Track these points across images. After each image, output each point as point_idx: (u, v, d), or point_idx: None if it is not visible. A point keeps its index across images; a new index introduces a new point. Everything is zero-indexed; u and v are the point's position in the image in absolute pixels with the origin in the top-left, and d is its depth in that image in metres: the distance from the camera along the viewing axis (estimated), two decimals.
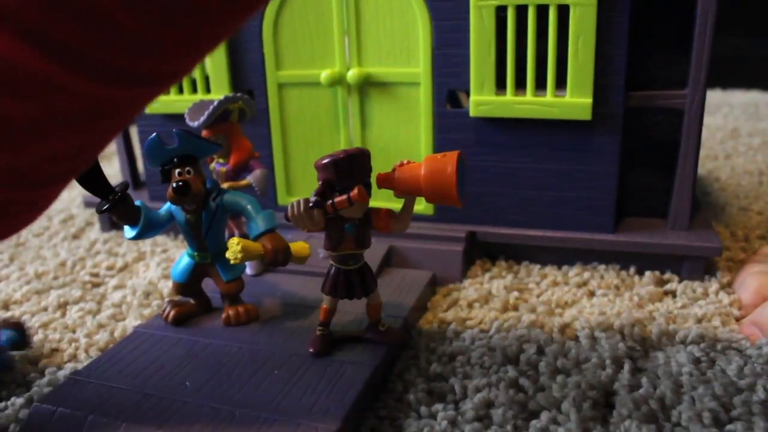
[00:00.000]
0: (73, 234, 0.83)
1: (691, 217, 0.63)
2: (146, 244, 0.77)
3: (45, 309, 0.63)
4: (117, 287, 0.67)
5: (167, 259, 0.73)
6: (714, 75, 0.57)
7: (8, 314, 0.62)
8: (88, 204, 0.88)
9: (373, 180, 0.44)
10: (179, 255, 0.72)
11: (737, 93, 1.57)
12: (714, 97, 1.54)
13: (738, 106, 1.42)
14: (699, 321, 0.53)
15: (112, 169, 1.18)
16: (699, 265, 0.60)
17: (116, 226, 0.83)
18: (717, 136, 1.18)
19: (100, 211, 0.47)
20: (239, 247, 0.46)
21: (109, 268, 0.72)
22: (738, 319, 0.54)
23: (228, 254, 0.46)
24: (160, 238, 0.78)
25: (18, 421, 0.45)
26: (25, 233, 0.84)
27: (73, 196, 1.00)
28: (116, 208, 0.47)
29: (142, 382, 0.44)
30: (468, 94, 0.61)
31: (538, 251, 0.64)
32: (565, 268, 0.64)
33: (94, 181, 0.47)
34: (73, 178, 0.31)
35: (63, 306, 0.63)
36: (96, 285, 0.68)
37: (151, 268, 0.71)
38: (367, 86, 0.64)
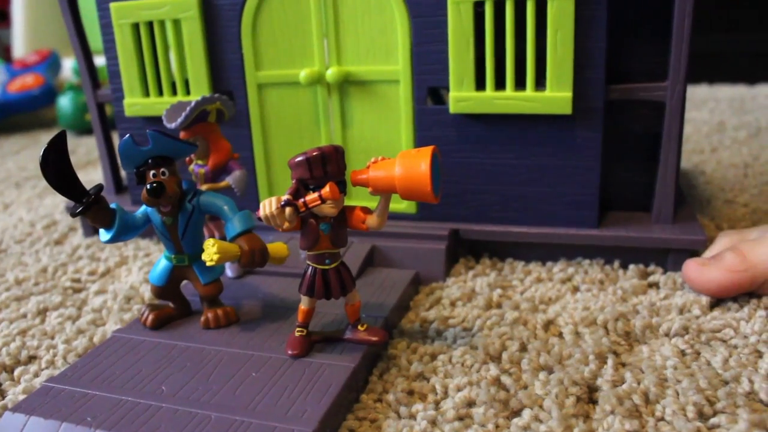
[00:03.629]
0: (56, 239, 0.83)
1: (675, 210, 0.62)
2: (129, 249, 0.76)
3: (24, 316, 0.62)
4: (98, 292, 0.66)
5: (150, 263, 0.72)
6: (700, 70, 0.57)
7: None
8: (68, 209, 0.87)
9: (348, 178, 0.43)
10: None
11: (723, 87, 1.57)
12: (700, 91, 1.54)
13: (724, 100, 1.42)
14: (681, 312, 0.52)
15: (97, 174, 1.17)
16: (684, 258, 0.59)
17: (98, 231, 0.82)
18: (703, 130, 1.18)
19: (73, 215, 0.47)
20: (215, 249, 0.45)
21: (91, 273, 0.71)
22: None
23: (204, 256, 0.46)
24: (142, 242, 0.77)
25: None
26: (7, 239, 0.83)
27: (56, 202, 1.00)
28: (90, 211, 0.47)
29: (118, 388, 0.44)
30: (449, 90, 0.61)
31: (522, 248, 0.64)
32: (549, 264, 0.63)
33: (67, 183, 0.46)
34: None
35: (42, 312, 0.62)
36: (77, 290, 0.67)
37: (133, 273, 0.70)
38: (347, 85, 0.63)
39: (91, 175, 1.17)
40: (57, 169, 0.45)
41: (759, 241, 0.53)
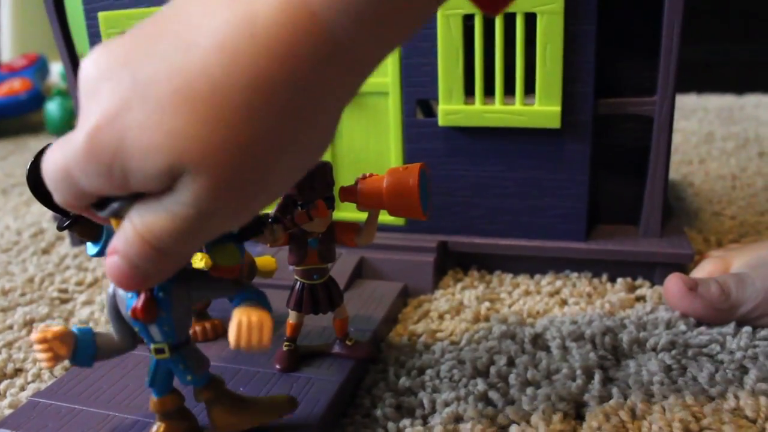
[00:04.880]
0: (43, 249, 0.82)
1: (663, 223, 0.63)
2: None
3: (10, 327, 0.61)
4: (85, 303, 0.66)
5: None
6: (689, 80, 0.58)
7: None
8: (58, 219, 0.87)
9: (336, 193, 0.43)
10: None
11: (712, 97, 1.58)
12: (689, 101, 1.55)
13: (713, 111, 1.43)
14: (668, 326, 0.53)
15: None
16: (671, 271, 0.59)
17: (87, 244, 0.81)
18: (691, 140, 1.19)
19: (60, 228, 0.46)
20: (202, 263, 0.45)
21: (78, 283, 0.71)
22: None
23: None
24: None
25: None
26: None
27: (43, 210, 0.99)
28: (77, 225, 0.46)
29: (105, 403, 0.44)
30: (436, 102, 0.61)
31: (511, 260, 0.64)
32: (537, 276, 0.63)
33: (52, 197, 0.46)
34: None
35: (29, 324, 0.62)
36: (64, 301, 0.67)
37: None
38: None
39: None
40: (43, 181, 0.45)
41: (744, 280, 0.53)
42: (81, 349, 0.38)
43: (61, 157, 0.30)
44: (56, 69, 1.82)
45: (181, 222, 0.29)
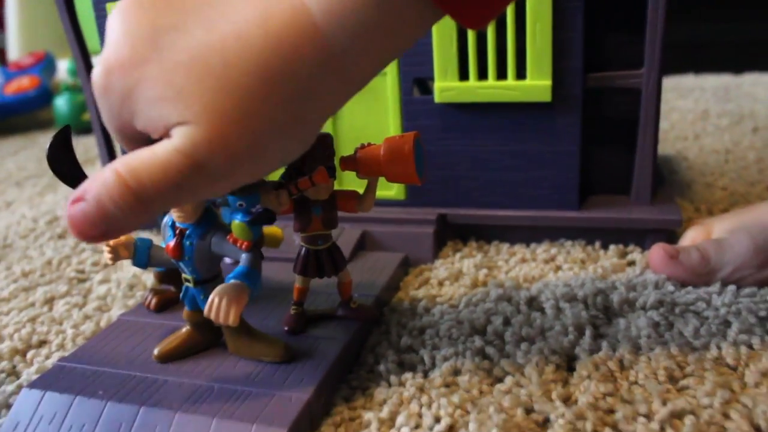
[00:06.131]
0: (59, 234, 0.85)
1: (654, 192, 0.65)
2: None
3: (32, 304, 0.65)
4: (102, 281, 0.69)
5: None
6: (687, 60, 0.60)
7: None
8: None
9: (337, 164, 0.46)
10: None
11: (709, 77, 1.60)
12: (687, 81, 1.57)
13: (709, 90, 1.45)
14: (657, 287, 0.55)
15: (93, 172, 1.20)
16: (661, 238, 0.62)
17: None
18: (688, 117, 1.21)
19: None
20: None
21: (95, 264, 0.74)
22: None
23: None
24: (143, 234, 0.80)
25: (8, 406, 0.47)
26: (11, 235, 0.86)
27: (57, 199, 1.02)
28: None
29: (126, 365, 0.47)
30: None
31: (507, 230, 0.67)
32: (533, 245, 0.66)
33: (73, 175, 0.48)
34: None
35: (50, 301, 0.65)
36: (82, 280, 0.70)
37: None
38: None
39: (91, 173, 1.19)
40: (64, 161, 0.48)
41: (723, 245, 0.55)
42: (138, 254, 0.47)
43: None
44: (63, 66, 1.85)
45: (169, 167, 0.32)
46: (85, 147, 1.41)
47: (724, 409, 0.40)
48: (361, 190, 0.48)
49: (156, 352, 0.47)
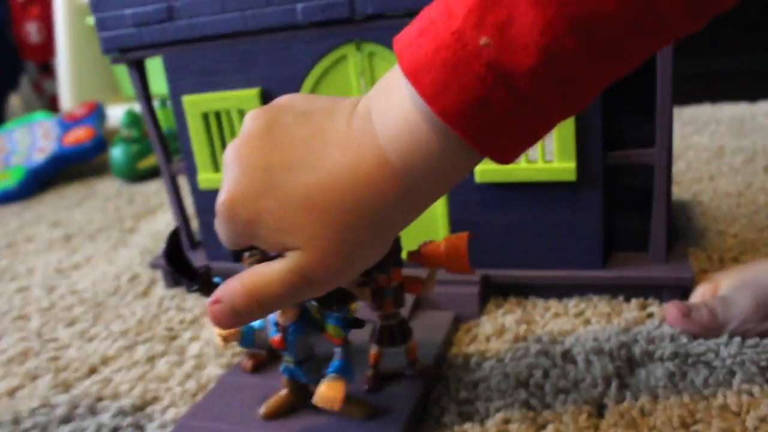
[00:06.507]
0: (142, 292, 0.97)
1: (669, 247, 0.75)
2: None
3: (136, 363, 0.76)
4: (192, 339, 0.80)
5: None
6: (703, 90, 0.69)
7: (104, 371, 0.75)
8: (153, 265, 1.00)
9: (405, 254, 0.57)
10: None
11: (725, 107, 1.68)
12: (703, 112, 1.65)
13: (725, 122, 1.53)
14: (672, 339, 0.65)
15: (156, 221, 1.32)
16: (676, 292, 0.72)
17: (178, 282, 0.96)
18: (703, 156, 1.30)
19: (190, 291, 0.60)
20: None
21: (181, 322, 0.85)
22: None
23: None
24: None
25: None
26: (101, 294, 0.98)
27: (132, 254, 1.13)
28: (204, 289, 0.60)
29: (239, 422, 0.57)
30: None
31: (542, 288, 0.77)
32: (564, 300, 0.76)
33: (183, 267, 0.59)
34: None
35: (151, 359, 0.76)
36: (173, 338, 0.81)
37: None
38: None
39: (152, 224, 1.31)
40: (177, 259, 0.59)
41: (729, 303, 0.65)
42: (245, 338, 0.62)
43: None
44: (112, 112, 1.99)
45: (283, 283, 0.43)
46: (143, 197, 1.54)
47: None
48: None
49: (262, 411, 0.58)
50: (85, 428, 0.64)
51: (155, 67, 1.00)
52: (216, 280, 0.62)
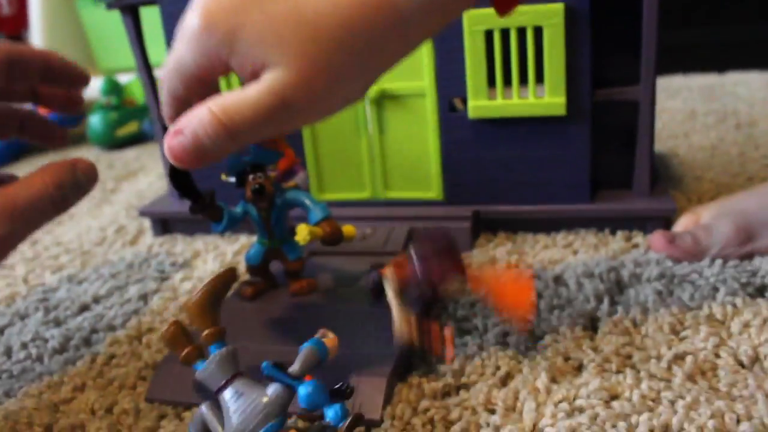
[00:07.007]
0: (130, 241, 0.96)
1: (651, 186, 0.78)
2: (199, 243, 0.90)
3: (129, 300, 0.76)
4: (184, 279, 0.80)
5: (220, 254, 0.86)
6: (675, 62, 0.72)
7: (96, 308, 0.75)
8: (142, 213, 0.99)
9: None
10: (230, 251, 0.86)
11: (696, 77, 1.73)
12: (675, 82, 1.69)
13: (696, 89, 1.58)
14: (658, 263, 0.67)
15: (139, 184, 1.31)
16: (659, 224, 0.75)
17: (167, 230, 0.96)
18: (677, 118, 1.34)
19: (193, 212, 0.61)
20: (306, 231, 0.60)
21: (172, 264, 0.85)
22: None
23: (298, 237, 0.60)
24: (210, 237, 0.92)
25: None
26: (86, 243, 0.97)
27: (116, 210, 1.12)
28: (207, 210, 0.61)
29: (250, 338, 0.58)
30: (463, 100, 0.76)
31: (531, 223, 0.79)
32: (553, 234, 0.79)
33: (187, 186, 0.60)
34: None
35: (144, 297, 0.76)
36: (164, 279, 0.82)
37: (209, 262, 0.84)
38: (383, 99, 0.78)
39: (135, 185, 1.30)
40: (180, 177, 0.59)
41: (710, 230, 0.68)
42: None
43: (176, 48, 0.40)
44: (94, 84, 1.96)
45: (258, 105, 0.38)
46: (123, 161, 1.52)
47: (715, 350, 0.53)
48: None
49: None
50: (80, 356, 0.65)
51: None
52: (221, 204, 0.63)
